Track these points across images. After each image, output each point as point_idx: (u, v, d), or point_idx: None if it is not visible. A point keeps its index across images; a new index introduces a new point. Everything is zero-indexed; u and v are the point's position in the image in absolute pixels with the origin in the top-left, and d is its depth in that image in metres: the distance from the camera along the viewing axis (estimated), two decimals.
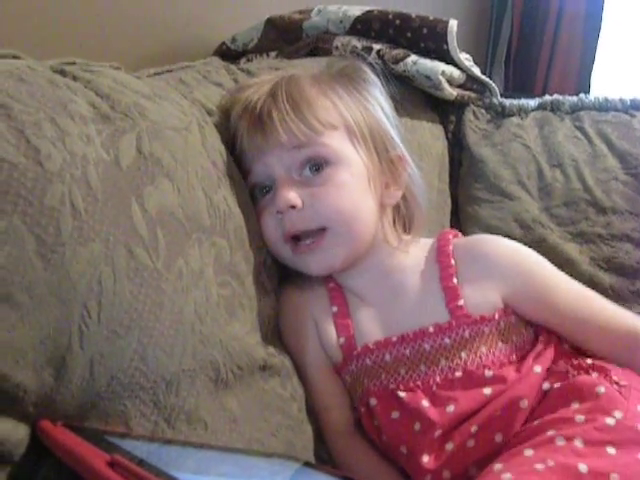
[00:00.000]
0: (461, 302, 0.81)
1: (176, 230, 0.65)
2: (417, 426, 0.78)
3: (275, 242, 0.83)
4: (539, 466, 0.63)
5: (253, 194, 0.85)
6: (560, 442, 0.67)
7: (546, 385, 0.77)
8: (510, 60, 2.47)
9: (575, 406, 0.72)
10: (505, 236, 1.20)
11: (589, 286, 1.18)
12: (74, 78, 0.68)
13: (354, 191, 0.82)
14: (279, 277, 0.87)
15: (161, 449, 0.57)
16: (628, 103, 1.32)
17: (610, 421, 0.68)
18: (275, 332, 0.84)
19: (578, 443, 0.66)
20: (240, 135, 0.83)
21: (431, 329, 0.80)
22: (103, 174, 0.59)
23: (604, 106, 1.33)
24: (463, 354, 0.79)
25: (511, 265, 0.83)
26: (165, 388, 0.63)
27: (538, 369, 0.79)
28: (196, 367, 0.66)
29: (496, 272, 0.82)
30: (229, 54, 1.33)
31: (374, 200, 0.85)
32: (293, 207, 0.80)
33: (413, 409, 0.79)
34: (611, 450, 0.66)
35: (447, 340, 0.80)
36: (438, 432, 0.76)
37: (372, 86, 0.91)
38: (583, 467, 0.63)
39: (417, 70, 1.18)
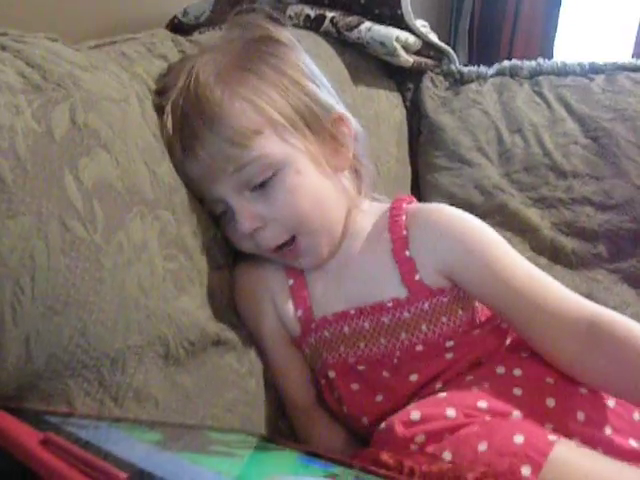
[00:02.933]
0: (417, 276, 0.78)
1: (115, 202, 0.63)
2: (379, 397, 0.77)
3: (255, 252, 0.82)
4: (475, 389, 0.69)
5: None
6: (500, 370, 0.72)
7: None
8: (473, 30, 2.46)
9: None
10: (466, 203, 1.22)
11: (551, 251, 1.22)
12: (3, 48, 0.64)
13: (308, 186, 0.78)
14: (233, 252, 0.85)
15: (110, 429, 0.56)
16: (587, 67, 1.32)
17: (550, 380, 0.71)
18: (230, 306, 0.83)
19: (516, 372, 0.71)
20: (175, 161, 0.77)
21: (390, 304, 0.78)
22: (33, 145, 0.57)
23: (563, 70, 1.33)
24: (423, 326, 0.77)
25: (456, 237, 0.77)
26: (110, 365, 0.61)
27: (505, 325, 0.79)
28: (143, 343, 0.64)
29: (444, 245, 0.77)
30: (181, 28, 1.30)
31: (330, 178, 0.81)
32: (256, 229, 0.77)
33: (374, 381, 0.78)
34: (549, 380, 0.71)
35: (406, 314, 0.78)
36: (403, 402, 0.75)
37: (288, 48, 0.83)
38: (518, 390, 0.68)
39: (371, 37, 1.16)
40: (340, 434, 0.82)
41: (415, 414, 0.67)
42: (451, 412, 0.66)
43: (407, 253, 0.79)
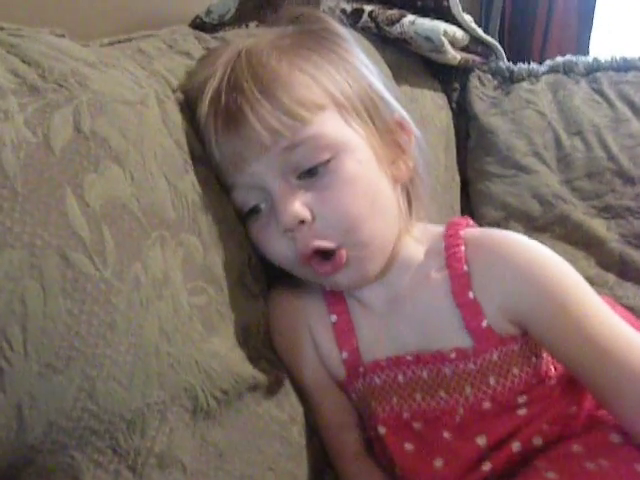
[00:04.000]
0: (484, 323, 0.65)
1: (130, 227, 0.52)
2: (439, 463, 0.66)
3: (293, 264, 0.68)
4: (590, 465, 0.58)
5: (240, 214, 0.69)
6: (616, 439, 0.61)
7: None
8: (504, 32, 2.36)
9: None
10: (523, 215, 1.12)
11: (620, 266, 1.11)
12: None
13: (367, 181, 0.66)
14: (267, 278, 0.73)
15: None
16: None
17: None
18: (267, 341, 0.71)
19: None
20: (210, 139, 0.66)
21: (452, 355, 0.66)
22: (26, 159, 0.46)
23: (622, 66, 1.23)
24: (492, 380, 0.65)
25: (530, 278, 0.64)
26: (126, 429, 0.50)
27: None
28: (166, 398, 0.53)
29: (517, 289, 0.64)
30: (204, 28, 1.20)
31: (389, 183, 0.69)
32: (302, 222, 0.64)
33: (433, 442, 0.66)
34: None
35: (472, 366, 0.65)
36: (468, 465, 0.65)
37: (348, 43, 0.73)
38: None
39: (415, 31, 1.05)
40: None
41: None
42: None
43: (470, 295, 0.65)
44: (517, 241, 0.68)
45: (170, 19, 1.22)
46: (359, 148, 0.66)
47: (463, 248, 0.68)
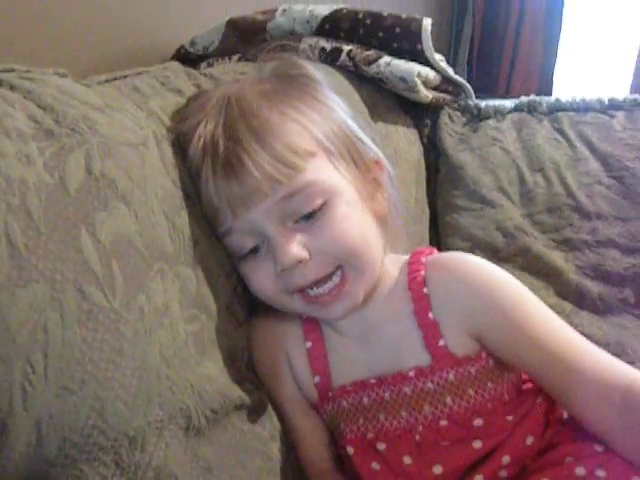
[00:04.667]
0: (442, 342, 0.70)
1: (135, 262, 0.57)
2: None
3: (284, 297, 0.71)
4: None
5: (237, 255, 0.73)
6: (580, 471, 0.61)
7: (564, 414, 0.71)
8: (473, 61, 2.44)
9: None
10: (488, 246, 1.17)
11: (577, 295, 1.17)
12: (11, 88, 0.59)
13: (357, 219, 0.70)
14: (250, 306, 0.78)
15: None
16: (606, 103, 1.27)
17: None
18: (250, 365, 0.76)
19: (600, 472, 0.61)
20: (207, 185, 0.69)
21: (411, 373, 0.71)
22: (46, 201, 0.51)
23: (582, 107, 1.29)
24: (448, 399, 0.70)
25: (479, 293, 0.70)
26: (128, 445, 0.55)
27: (540, 400, 0.72)
28: (164, 417, 0.58)
29: (469, 304, 0.70)
30: (188, 58, 1.25)
31: (373, 219, 0.73)
32: (300, 262, 0.68)
33: (395, 466, 0.71)
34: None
35: (430, 385, 0.70)
36: None
37: (324, 87, 0.77)
38: None
39: (391, 72, 1.11)
40: None
41: None
42: None
43: (431, 315, 0.71)
44: (471, 262, 0.74)
45: (156, 49, 1.27)
46: (346, 190, 0.70)
47: (423, 272, 0.73)
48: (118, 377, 0.52)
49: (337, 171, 0.71)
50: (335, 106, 0.75)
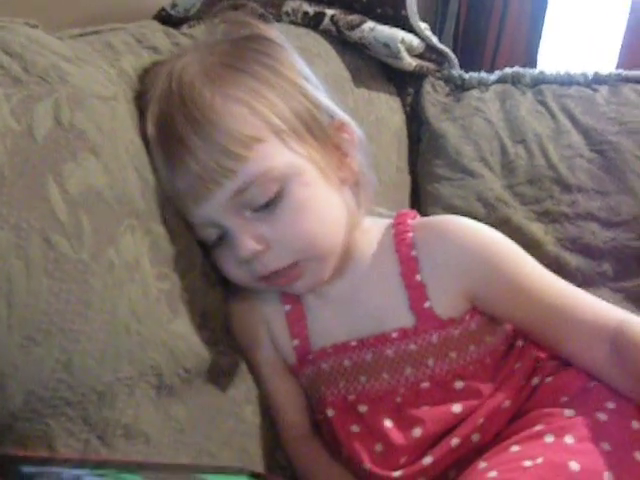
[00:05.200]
0: (427, 304, 0.70)
1: (104, 215, 0.55)
2: (379, 447, 0.70)
3: (251, 283, 0.72)
4: (527, 463, 0.58)
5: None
6: (549, 438, 0.61)
7: (535, 380, 0.71)
8: (458, 37, 2.42)
9: (564, 399, 0.66)
10: (468, 216, 1.15)
11: (555, 268, 1.15)
12: None
13: (317, 201, 0.69)
14: None
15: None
16: (590, 77, 1.26)
17: (602, 416, 0.63)
18: (225, 328, 0.75)
19: (568, 439, 0.60)
20: (160, 173, 0.67)
21: (395, 334, 0.71)
22: (12, 147, 0.49)
23: (566, 80, 1.27)
24: (430, 361, 0.70)
25: (478, 254, 0.71)
26: (97, 401, 0.53)
27: (519, 365, 0.72)
28: (134, 374, 0.57)
29: (462, 263, 0.70)
30: (169, 21, 1.22)
31: (336, 192, 0.72)
32: (257, 253, 0.67)
33: (375, 428, 0.71)
34: (605, 446, 0.60)
35: (413, 346, 0.70)
36: (404, 458, 0.69)
37: (279, 48, 0.73)
38: (574, 465, 0.57)
39: (374, 37, 1.09)
40: (343, 471, 0.74)
41: None
42: None
43: (418, 277, 0.71)
44: (462, 223, 0.74)
45: (135, 11, 1.24)
46: (303, 170, 0.68)
47: (411, 234, 0.73)
48: (86, 330, 0.51)
49: (291, 151, 0.68)
50: (290, 72, 0.72)
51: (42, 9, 1.03)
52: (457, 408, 0.69)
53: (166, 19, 1.21)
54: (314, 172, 0.69)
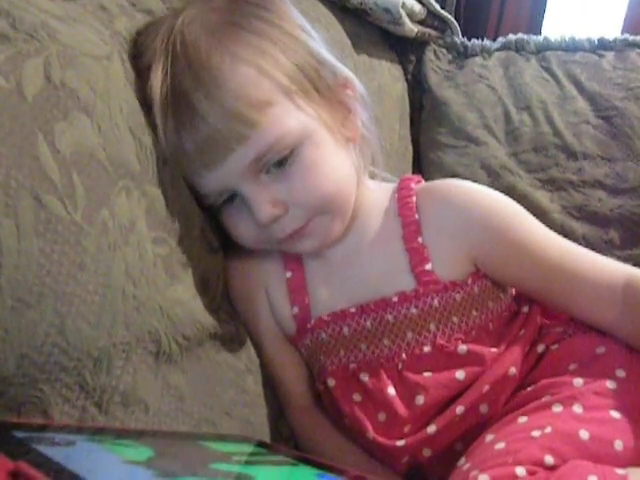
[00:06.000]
0: (429, 266, 0.69)
1: (98, 175, 0.53)
2: (382, 416, 0.69)
3: (263, 244, 0.71)
4: (535, 433, 0.57)
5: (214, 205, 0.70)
6: (557, 408, 0.60)
7: (541, 347, 0.70)
8: (461, 7, 2.39)
9: (573, 368, 0.65)
10: None
11: (561, 236, 1.13)
12: None
13: (328, 160, 0.68)
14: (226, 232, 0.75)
15: (92, 447, 0.46)
16: (596, 43, 1.26)
17: (611, 384, 0.62)
18: (225, 295, 0.74)
19: (577, 408, 0.59)
20: (162, 135, 0.64)
21: (395, 298, 0.70)
22: (1, 104, 0.47)
23: (571, 46, 1.27)
24: (432, 325, 0.69)
25: (481, 217, 0.70)
26: (93, 367, 0.52)
27: (523, 332, 0.71)
28: (131, 339, 0.55)
29: (465, 226, 0.69)
30: None
31: (343, 150, 0.71)
32: (277, 217, 0.66)
33: (377, 396, 0.70)
34: (614, 414, 0.59)
35: (413, 310, 0.69)
36: (407, 427, 0.68)
37: (279, 4, 0.71)
38: (584, 433, 0.56)
39: (375, 2, 1.08)
40: (344, 440, 0.74)
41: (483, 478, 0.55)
42: (521, 471, 0.53)
43: (420, 240, 0.70)
44: (462, 186, 0.73)
45: None
46: (313, 131, 0.67)
47: (414, 198, 0.72)
48: (79, 292, 0.49)
49: (301, 111, 0.66)
50: (293, 28, 0.69)
51: None
52: (460, 374, 0.68)
53: None
54: (323, 131, 0.68)
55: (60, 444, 0.45)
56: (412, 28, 1.13)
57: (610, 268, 0.68)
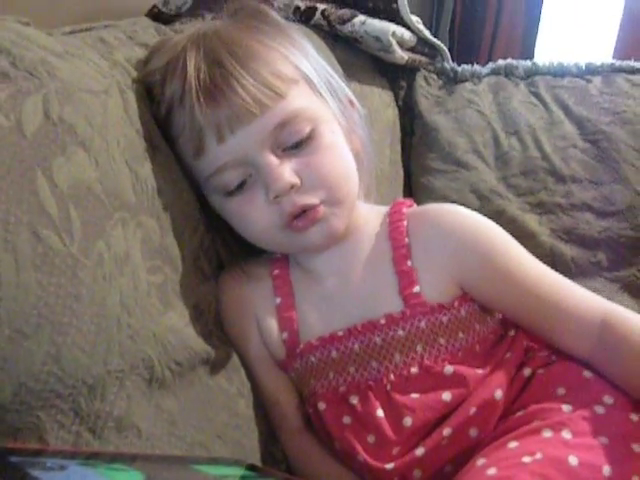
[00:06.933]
0: (416, 289, 0.71)
1: (94, 208, 0.56)
2: (371, 438, 0.70)
3: (271, 231, 0.72)
4: (526, 459, 0.58)
5: (210, 190, 0.73)
6: (547, 433, 0.61)
7: (527, 371, 0.71)
8: (454, 32, 2.42)
9: (561, 392, 0.66)
10: None
11: (550, 258, 1.17)
12: None
13: (340, 148, 0.73)
14: (218, 261, 0.78)
15: (85, 471, 0.48)
16: (583, 68, 1.27)
17: (599, 409, 0.63)
18: (218, 321, 0.75)
19: (566, 434, 0.61)
20: (190, 110, 0.68)
21: (382, 321, 0.71)
22: (1, 142, 0.49)
23: (559, 71, 1.28)
24: (419, 347, 0.70)
25: (468, 242, 0.71)
26: (87, 393, 0.54)
27: (509, 355, 0.72)
28: (125, 367, 0.57)
29: (453, 250, 0.71)
30: (161, 19, 1.22)
31: (350, 153, 0.75)
32: (292, 187, 0.68)
33: (367, 419, 0.71)
34: (602, 440, 0.60)
35: (401, 332, 0.70)
36: (396, 449, 0.69)
37: (291, 28, 0.78)
38: (573, 459, 0.58)
39: (365, 31, 1.09)
40: (335, 464, 0.74)
41: None
42: None
43: (409, 263, 0.72)
44: (453, 211, 0.75)
45: (127, 8, 1.24)
46: (330, 119, 0.73)
47: (405, 223, 0.74)
48: (75, 323, 0.51)
49: (320, 100, 0.72)
50: (307, 46, 0.77)
51: (35, 7, 1.04)
52: (447, 396, 0.69)
53: (158, 16, 1.21)
54: (337, 125, 0.74)
55: (54, 469, 0.46)
56: (402, 55, 1.16)
57: (590, 302, 0.70)
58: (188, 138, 0.70)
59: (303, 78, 0.71)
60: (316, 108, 0.71)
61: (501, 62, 1.30)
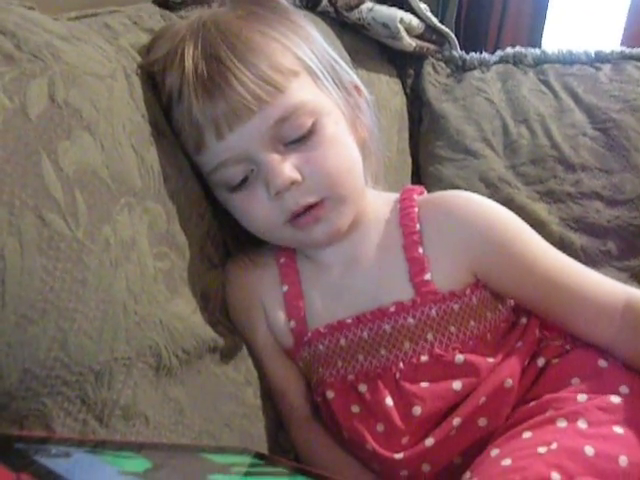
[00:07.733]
0: (428, 276, 0.70)
1: (100, 193, 0.55)
2: (380, 427, 0.69)
3: (275, 227, 0.71)
4: (541, 449, 0.57)
5: (213, 183, 0.72)
6: (561, 423, 0.60)
7: (541, 361, 0.70)
8: (461, 21, 2.40)
9: (575, 382, 0.65)
10: None
11: (559, 247, 1.14)
12: None
13: (344, 141, 0.71)
14: (225, 249, 0.77)
15: (92, 458, 0.47)
16: (593, 56, 1.27)
17: (615, 399, 0.62)
18: (224, 309, 0.75)
19: (581, 424, 0.60)
20: (188, 106, 0.67)
21: (392, 308, 0.70)
22: (4, 124, 0.48)
23: (568, 59, 1.28)
24: (429, 335, 0.69)
25: (483, 230, 0.70)
26: (94, 381, 0.53)
27: (520, 344, 0.71)
28: (132, 354, 0.56)
29: (466, 238, 0.70)
30: (167, 6, 1.21)
31: (355, 143, 0.74)
32: (293, 183, 0.67)
33: (375, 407, 0.70)
34: (618, 430, 0.59)
35: (411, 320, 0.69)
36: (405, 439, 0.68)
37: (300, 17, 0.76)
38: (589, 450, 0.57)
39: (373, 18, 1.09)
40: (343, 453, 0.74)
41: None
42: None
43: (420, 250, 0.71)
44: (467, 198, 0.74)
45: None
46: (332, 110, 0.71)
47: (416, 209, 0.73)
48: (81, 308, 0.50)
49: (322, 91, 0.71)
50: (310, 31, 0.75)
51: None
52: (457, 385, 0.68)
53: (164, 4, 1.20)
54: (340, 115, 0.72)
55: (60, 456, 0.46)
56: (410, 42, 1.15)
57: (610, 287, 0.69)
58: (188, 133, 0.69)
59: (304, 69, 0.69)
60: (318, 100, 0.69)
61: (510, 50, 1.30)
